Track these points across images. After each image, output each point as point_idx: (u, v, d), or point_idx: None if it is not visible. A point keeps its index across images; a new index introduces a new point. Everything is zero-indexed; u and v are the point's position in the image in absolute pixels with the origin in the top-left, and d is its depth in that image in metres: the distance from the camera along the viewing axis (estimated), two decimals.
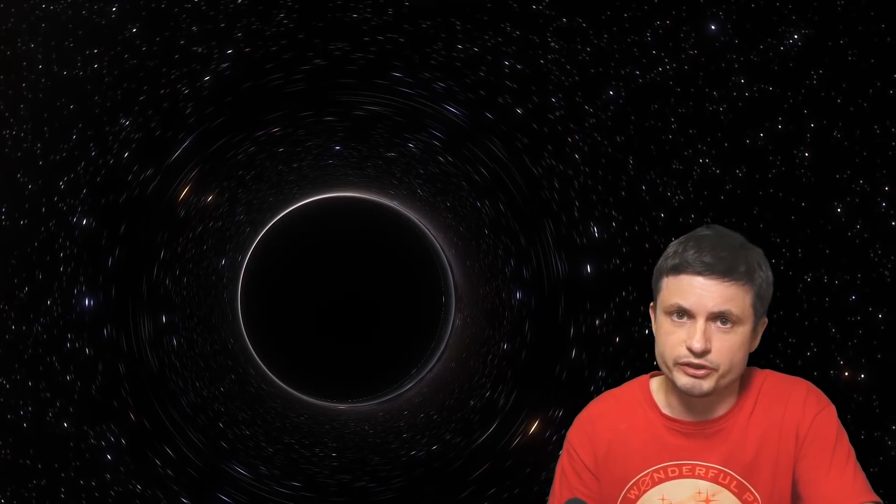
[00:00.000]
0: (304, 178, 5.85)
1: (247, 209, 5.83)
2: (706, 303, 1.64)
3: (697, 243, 1.67)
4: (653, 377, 1.84)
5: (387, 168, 5.77)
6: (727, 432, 1.73)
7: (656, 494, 1.76)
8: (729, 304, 1.64)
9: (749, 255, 1.68)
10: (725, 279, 1.64)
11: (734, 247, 1.67)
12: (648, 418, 1.78)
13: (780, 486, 1.72)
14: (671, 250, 1.71)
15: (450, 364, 5.81)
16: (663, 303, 1.70)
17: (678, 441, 1.75)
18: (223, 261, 5.84)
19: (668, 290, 1.69)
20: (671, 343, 1.68)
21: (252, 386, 5.73)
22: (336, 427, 5.75)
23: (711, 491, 1.73)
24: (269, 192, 5.86)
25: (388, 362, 6.05)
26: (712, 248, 1.66)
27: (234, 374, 5.62)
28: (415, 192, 5.85)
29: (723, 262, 1.64)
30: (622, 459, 1.78)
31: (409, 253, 6.17)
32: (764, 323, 1.73)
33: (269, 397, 5.81)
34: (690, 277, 1.65)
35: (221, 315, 5.77)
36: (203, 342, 5.37)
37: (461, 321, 5.93)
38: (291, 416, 5.73)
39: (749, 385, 1.76)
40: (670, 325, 1.69)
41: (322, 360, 5.96)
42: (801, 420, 1.71)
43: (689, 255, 1.66)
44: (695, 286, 1.65)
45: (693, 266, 1.65)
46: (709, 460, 1.73)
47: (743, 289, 1.66)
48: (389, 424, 5.66)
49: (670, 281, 1.69)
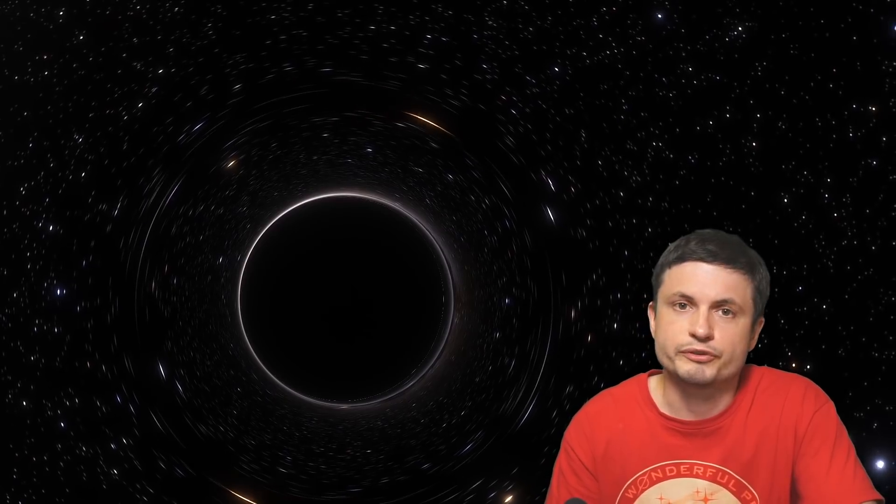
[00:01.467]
0: (316, 173, 5.82)
1: (251, 200, 5.78)
2: (709, 291, 1.67)
3: (700, 237, 1.72)
4: (651, 376, 1.85)
5: (402, 177, 5.82)
6: (725, 431, 1.74)
7: (654, 493, 1.77)
8: (731, 293, 1.67)
9: (749, 251, 1.73)
10: (728, 266, 1.68)
11: (734, 242, 1.72)
12: (646, 417, 1.79)
13: (779, 485, 1.72)
14: (672, 246, 1.75)
15: (450, 358, 5.94)
16: (665, 293, 1.72)
17: (676, 440, 1.76)
18: (220, 258, 5.83)
19: (671, 280, 1.71)
20: (673, 332, 1.70)
21: (258, 395, 5.76)
22: (350, 426, 5.82)
23: (710, 490, 1.74)
24: (277, 185, 5.81)
25: (390, 362, 6.13)
26: (715, 240, 1.71)
27: (239, 386, 5.65)
28: (423, 201, 5.90)
29: (725, 249, 1.69)
30: (620, 459, 1.79)
31: (411, 253, 6.17)
32: (761, 322, 1.75)
33: (277, 404, 5.83)
34: (694, 264, 1.69)
35: (219, 320, 5.78)
36: (202, 357, 5.37)
37: (459, 319, 6.05)
38: (304, 421, 5.77)
39: (746, 382, 1.77)
40: (673, 314, 1.71)
41: (323, 361, 6.01)
42: (800, 418, 1.72)
43: (693, 245, 1.71)
44: (698, 273, 1.68)
45: (697, 254, 1.69)
46: (707, 459, 1.75)
47: (745, 279, 1.69)
48: (402, 416, 5.75)
49: (673, 271, 1.72)
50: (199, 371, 5.24)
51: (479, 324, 5.77)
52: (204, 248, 5.62)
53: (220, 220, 5.67)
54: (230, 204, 5.70)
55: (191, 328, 5.36)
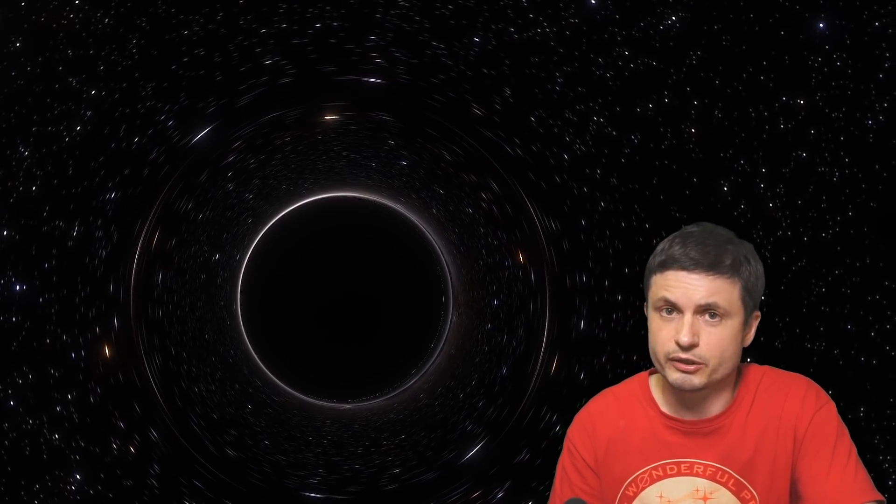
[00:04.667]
0: (332, 169, 5.71)
1: (259, 191, 5.67)
2: (692, 296, 1.68)
3: (683, 240, 1.72)
4: (652, 374, 1.86)
5: (411, 183, 5.77)
6: (725, 430, 1.75)
7: (654, 492, 1.78)
8: (715, 297, 1.67)
9: (736, 249, 1.72)
10: (711, 273, 1.68)
11: (720, 242, 1.71)
12: (647, 416, 1.81)
13: (778, 484, 1.73)
14: (659, 248, 1.76)
15: (450, 352, 6.04)
16: (652, 299, 1.74)
17: (676, 439, 1.78)
18: (216, 255, 5.69)
19: (656, 287, 1.73)
20: (661, 339, 1.71)
21: (270, 407, 5.74)
22: (364, 426, 5.83)
23: (709, 489, 1.76)
24: (286, 179, 5.70)
25: (392, 361, 6.16)
26: (698, 244, 1.70)
27: (251, 403, 5.58)
28: (429, 209, 5.87)
29: (708, 256, 1.68)
30: (621, 457, 1.81)
31: (412, 253, 6.15)
32: (757, 317, 1.76)
33: (284, 408, 5.81)
34: (676, 273, 1.70)
35: (216, 325, 5.69)
36: (204, 377, 5.29)
37: (457, 318, 6.13)
38: (318, 425, 5.76)
39: (747, 381, 1.78)
40: (660, 321, 1.72)
41: (324, 362, 6.01)
42: (800, 418, 1.72)
43: (676, 250, 1.71)
44: (681, 280, 1.69)
45: (679, 262, 1.69)
46: (707, 458, 1.76)
47: (729, 282, 1.68)
48: (414, 405, 5.81)
49: (658, 278, 1.73)
50: (209, 400, 5.18)
51: (474, 319, 5.90)
52: None
53: None
54: (237, 195, 5.54)
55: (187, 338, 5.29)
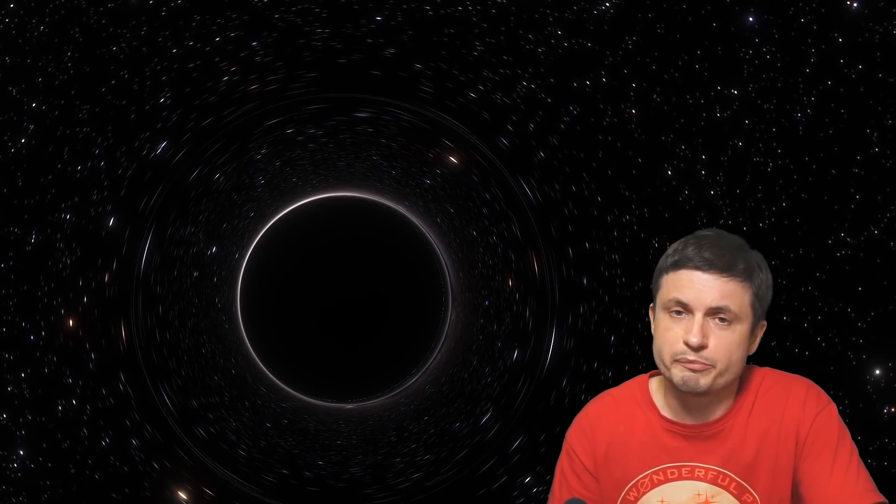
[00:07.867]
0: (348, 170, 5.58)
1: (268, 183, 5.55)
2: (704, 297, 1.67)
3: (698, 241, 1.71)
4: (652, 377, 1.85)
5: (421, 194, 5.66)
6: (726, 434, 1.75)
7: (655, 496, 1.77)
8: (727, 300, 1.66)
9: (749, 255, 1.71)
10: (724, 275, 1.67)
11: (734, 247, 1.70)
12: (647, 420, 1.79)
13: (780, 487, 1.73)
14: (671, 249, 1.74)
15: (450, 346, 6.09)
16: (662, 299, 1.72)
17: (677, 443, 1.77)
18: (213, 248, 5.52)
19: (668, 286, 1.71)
20: (669, 339, 1.70)
21: (284, 418, 5.70)
22: (374, 423, 5.85)
23: (711, 493, 1.75)
24: (293, 174, 5.58)
25: (393, 361, 6.16)
26: (712, 246, 1.69)
27: (265, 420, 5.51)
28: (435, 220, 5.76)
29: (722, 258, 1.67)
30: (621, 461, 1.80)
31: (413, 253, 6.07)
32: (763, 326, 1.75)
33: (292, 413, 5.80)
34: (690, 272, 1.68)
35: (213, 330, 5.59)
36: (206, 391, 5.21)
37: (455, 316, 6.14)
38: (331, 426, 5.78)
39: (748, 384, 1.77)
40: (669, 321, 1.70)
41: (324, 362, 6.00)
42: (802, 420, 1.72)
43: (690, 251, 1.69)
44: (694, 281, 1.68)
45: (693, 261, 1.68)
46: (708, 462, 1.75)
47: (742, 286, 1.68)
48: (423, 397, 5.85)
49: (670, 277, 1.71)
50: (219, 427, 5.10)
51: (469, 315, 5.98)
52: None
53: None
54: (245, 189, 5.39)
55: None
